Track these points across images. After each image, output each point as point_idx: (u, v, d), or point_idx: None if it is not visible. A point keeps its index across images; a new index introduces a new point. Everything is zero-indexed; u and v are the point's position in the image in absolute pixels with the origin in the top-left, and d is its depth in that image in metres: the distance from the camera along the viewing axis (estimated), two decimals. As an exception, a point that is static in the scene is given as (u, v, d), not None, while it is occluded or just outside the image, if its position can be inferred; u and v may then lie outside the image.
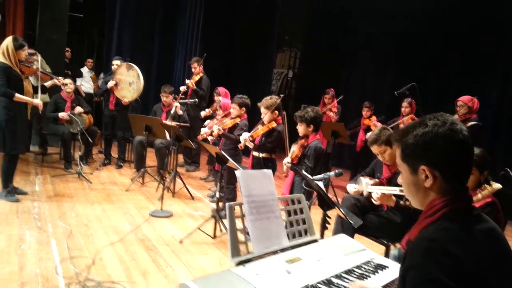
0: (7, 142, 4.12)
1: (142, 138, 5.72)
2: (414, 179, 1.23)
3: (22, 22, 7.98)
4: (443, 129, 1.16)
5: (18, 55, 4.16)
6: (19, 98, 4.13)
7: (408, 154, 1.23)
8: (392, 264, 1.83)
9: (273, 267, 1.58)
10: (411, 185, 1.25)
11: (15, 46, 4.12)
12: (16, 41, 4.14)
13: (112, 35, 8.54)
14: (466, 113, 4.92)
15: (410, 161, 1.23)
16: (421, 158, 1.19)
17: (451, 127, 1.17)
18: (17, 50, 4.13)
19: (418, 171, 1.20)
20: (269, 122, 4.11)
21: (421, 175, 1.20)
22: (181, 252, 3.50)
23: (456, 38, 6.88)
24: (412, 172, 1.23)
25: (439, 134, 1.16)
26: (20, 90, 4.19)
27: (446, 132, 1.16)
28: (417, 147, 1.19)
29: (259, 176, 1.84)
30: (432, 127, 1.18)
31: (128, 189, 5.19)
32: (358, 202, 3.11)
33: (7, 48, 4.09)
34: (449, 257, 1.05)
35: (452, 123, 1.18)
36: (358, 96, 8.44)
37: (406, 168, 1.25)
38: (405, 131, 1.24)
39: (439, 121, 1.18)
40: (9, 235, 3.43)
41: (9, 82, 4.09)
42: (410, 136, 1.21)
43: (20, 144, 4.25)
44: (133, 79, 5.89)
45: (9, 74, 4.09)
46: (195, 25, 8.54)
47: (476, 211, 1.22)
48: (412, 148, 1.21)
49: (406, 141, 1.22)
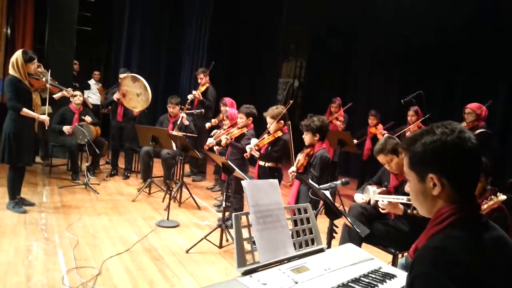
0: (12, 154, 4.14)
1: (148, 148, 5.75)
2: (422, 187, 1.22)
3: (31, 36, 8.12)
4: (451, 137, 1.16)
5: (27, 68, 4.20)
6: (25, 113, 4.15)
7: (416, 162, 1.22)
8: (399, 273, 1.81)
9: (280, 277, 1.57)
10: (419, 193, 1.24)
11: (25, 59, 4.16)
12: (26, 54, 4.19)
13: (120, 47, 8.65)
14: (474, 121, 4.88)
15: (418, 169, 1.22)
16: (429, 166, 1.18)
17: (459, 135, 1.16)
18: (26, 63, 4.17)
19: (426, 179, 1.20)
20: (275, 131, 4.12)
21: (429, 183, 1.19)
22: (188, 262, 3.50)
23: (463, 44, 6.87)
24: (420, 180, 1.22)
25: (447, 142, 1.16)
26: (29, 103, 4.22)
27: (454, 141, 1.15)
28: (425, 155, 1.19)
29: (266, 186, 1.84)
30: (440, 135, 1.17)
31: (134, 199, 5.20)
32: (365, 211, 3.09)
33: (16, 61, 4.13)
34: (457, 266, 1.04)
35: (460, 131, 1.17)
36: (365, 104, 8.43)
37: (414, 176, 1.24)
38: (413, 139, 1.23)
39: (448, 129, 1.17)
40: (17, 246, 3.44)
41: (18, 94, 4.13)
42: (418, 144, 1.21)
43: (26, 157, 4.26)
44: (140, 90, 5.94)
45: (18, 87, 4.13)
46: (201, 36, 8.63)
47: (484, 219, 1.21)
48: (420, 156, 1.20)
49: (414, 149, 1.22)
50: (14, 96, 4.10)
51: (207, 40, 8.56)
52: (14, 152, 4.14)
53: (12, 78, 4.13)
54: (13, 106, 4.11)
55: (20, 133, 4.17)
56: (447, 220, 1.15)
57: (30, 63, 4.21)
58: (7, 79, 4.19)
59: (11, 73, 4.16)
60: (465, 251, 1.07)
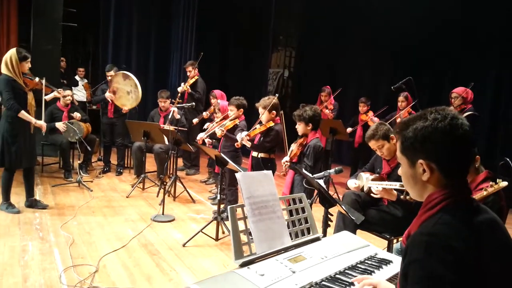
0: (12, 158, 4.07)
1: (141, 144, 5.72)
2: (413, 172, 1.23)
3: (16, 34, 7.97)
4: (443, 124, 1.16)
5: (21, 67, 4.09)
6: (23, 116, 4.05)
7: (407, 147, 1.23)
8: (395, 258, 1.84)
9: (277, 267, 1.58)
10: (410, 177, 1.26)
11: (19, 57, 4.04)
12: (20, 53, 4.07)
13: (107, 43, 8.54)
14: (461, 104, 4.97)
15: (409, 154, 1.23)
16: (419, 152, 1.19)
17: (451, 122, 1.16)
18: (21, 61, 4.06)
19: (416, 164, 1.21)
20: (267, 121, 4.12)
21: (418, 168, 1.20)
22: (185, 256, 3.51)
23: (451, 29, 6.90)
24: (411, 165, 1.23)
25: (438, 128, 1.16)
26: (24, 103, 4.12)
27: (445, 127, 1.15)
28: (415, 140, 1.19)
29: (260, 178, 1.84)
30: (432, 121, 1.17)
31: (129, 195, 5.19)
32: (359, 198, 3.12)
33: (10, 60, 4.02)
34: (450, 251, 1.05)
35: (452, 118, 1.17)
36: (355, 92, 8.46)
37: (405, 161, 1.25)
38: (406, 124, 1.24)
39: (440, 115, 1.17)
40: (12, 246, 3.42)
41: (14, 95, 4.02)
42: (410, 129, 1.21)
43: (23, 159, 4.16)
44: (130, 88, 5.87)
45: (13, 86, 4.02)
46: (189, 28, 8.56)
47: (475, 203, 1.22)
48: (411, 142, 1.21)
49: (406, 134, 1.22)
50: (11, 96, 3.99)
51: (195, 34, 8.49)
52: (13, 155, 4.07)
53: (7, 78, 4.01)
54: (11, 106, 3.99)
55: (17, 135, 4.08)
56: (438, 205, 1.17)
57: (24, 62, 4.10)
58: (2, 78, 4.06)
59: (4, 72, 4.03)
60: (457, 236, 1.08)
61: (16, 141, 4.07)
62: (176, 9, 8.87)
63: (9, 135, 4.05)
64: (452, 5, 6.76)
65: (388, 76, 7.87)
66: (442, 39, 7.04)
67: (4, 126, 4.06)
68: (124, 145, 6.42)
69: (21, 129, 4.10)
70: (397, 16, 7.61)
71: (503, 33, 6.24)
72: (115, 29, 8.54)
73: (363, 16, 8.40)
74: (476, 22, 6.52)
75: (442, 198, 1.17)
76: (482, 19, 6.43)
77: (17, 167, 4.22)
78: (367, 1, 8.21)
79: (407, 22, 7.41)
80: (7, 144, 4.06)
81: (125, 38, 8.73)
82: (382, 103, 7.53)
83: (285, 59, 11.38)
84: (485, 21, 6.41)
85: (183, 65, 8.07)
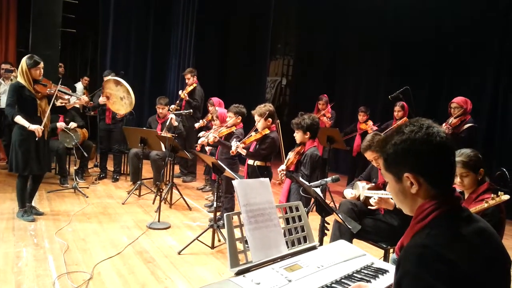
0: (19, 163, 4.05)
1: (137, 150, 5.71)
2: (401, 187, 1.23)
3: (14, 39, 7.97)
4: (420, 134, 1.16)
5: (32, 74, 4.06)
6: (18, 121, 4.03)
7: (390, 163, 1.23)
8: (391, 268, 1.83)
9: (273, 275, 1.57)
10: (398, 193, 1.25)
11: (28, 64, 4.02)
12: (30, 59, 4.05)
13: (106, 49, 8.56)
14: (461, 115, 4.94)
15: (394, 170, 1.23)
16: (403, 166, 1.19)
17: (427, 131, 1.16)
18: (30, 68, 4.03)
19: (402, 179, 1.20)
20: (262, 129, 4.13)
21: (406, 182, 1.20)
22: (180, 264, 3.48)
23: (448, 38, 6.95)
24: (397, 180, 1.23)
25: (416, 140, 1.16)
26: (33, 110, 4.10)
27: (423, 137, 1.16)
28: (397, 155, 1.19)
29: (257, 185, 1.84)
30: (409, 134, 1.18)
31: (124, 202, 5.16)
32: (355, 207, 3.11)
33: (21, 67, 4.03)
34: (443, 263, 1.04)
35: (428, 127, 1.17)
36: (353, 101, 8.49)
37: (391, 177, 1.25)
38: (384, 141, 1.24)
39: (415, 126, 1.18)
40: (6, 253, 3.39)
41: (21, 101, 4.03)
42: (389, 145, 1.21)
43: (33, 165, 4.12)
44: (123, 94, 5.85)
45: (20, 93, 4.01)
46: (188, 36, 8.59)
47: (466, 212, 1.21)
48: (393, 157, 1.21)
49: (387, 151, 1.22)
50: (12, 102, 4.00)
51: (194, 41, 8.53)
52: (20, 161, 4.05)
53: (16, 84, 4.04)
54: (8, 111, 4.01)
55: (26, 141, 4.06)
56: (429, 216, 1.16)
57: (34, 69, 4.07)
58: (12, 84, 4.13)
59: (18, 79, 4.07)
60: (448, 247, 1.07)
61: (23, 146, 4.05)
62: (175, 17, 8.92)
63: (17, 140, 4.06)
64: (448, 12, 6.82)
65: (386, 85, 7.90)
66: (441, 46, 7.09)
67: (14, 132, 4.09)
68: (120, 152, 6.41)
69: (32, 135, 4.07)
70: (396, 25, 7.66)
71: (503, 44, 6.28)
72: (113, 35, 8.57)
73: (360, 25, 8.46)
74: (475, 35, 6.57)
75: (432, 208, 1.17)
76: (482, 29, 6.48)
77: (26, 173, 4.17)
78: (365, 10, 8.27)
79: (407, 31, 7.46)
80: (15, 150, 4.06)
81: (124, 44, 8.76)
82: (380, 112, 7.56)
83: (283, 67, 11.44)
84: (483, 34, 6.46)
85: (181, 72, 8.09)
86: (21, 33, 7.94)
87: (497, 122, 6.35)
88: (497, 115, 6.35)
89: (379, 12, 7.99)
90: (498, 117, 6.33)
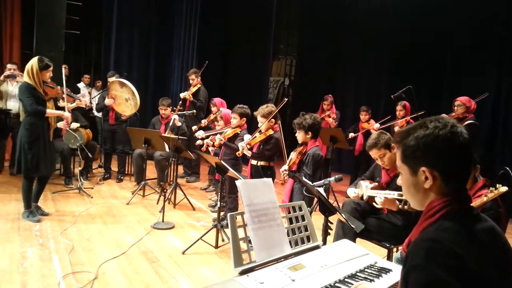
0: (28, 165, 4.07)
1: (141, 151, 5.74)
2: (414, 181, 1.24)
3: (19, 41, 8.02)
4: (444, 132, 1.18)
5: (42, 76, 4.11)
6: (50, 114, 4.10)
7: (408, 155, 1.24)
8: (395, 267, 1.84)
9: (277, 275, 1.58)
10: (411, 186, 1.26)
11: (40, 66, 4.06)
12: (41, 62, 4.09)
13: (109, 50, 8.60)
14: (464, 112, 4.97)
15: (411, 163, 1.24)
16: (422, 160, 1.20)
17: (452, 130, 1.18)
18: (41, 70, 4.08)
19: (418, 172, 1.22)
20: (266, 130, 4.14)
21: (421, 176, 1.21)
22: (184, 263, 3.50)
23: (450, 38, 6.94)
24: (412, 173, 1.24)
25: (439, 136, 1.18)
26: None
27: (446, 135, 1.17)
28: (418, 148, 1.21)
29: (260, 185, 1.85)
30: (433, 129, 1.19)
31: (129, 202, 5.19)
32: (359, 206, 3.12)
33: (31, 68, 4.05)
34: (452, 257, 1.05)
35: (452, 126, 1.19)
36: (355, 100, 8.48)
37: (407, 170, 1.26)
38: (406, 133, 1.25)
39: (440, 123, 1.20)
40: (11, 253, 3.42)
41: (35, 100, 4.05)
42: (411, 137, 1.22)
43: (42, 167, 4.15)
44: (128, 96, 5.89)
45: (33, 93, 4.04)
46: (191, 37, 8.62)
47: (475, 211, 1.23)
48: (413, 150, 1.22)
49: (407, 143, 1.23)
50: (32, 100, 4.01)
51: (197, 42, 8.55)
52: (29, 163, 4.07)
53: (27, 85, 4.05)
54: (36, 110, 4.02)
55: (35, 142, 4.08)
56: (439, 212, 1.18)
57: (45, 71, 4.12)
58: (22, 85, 4.12)
59: (25, 80, 4.08)
60: (458, 242, 1.08)
61: (33, 148, 4.07)
62: (178, 18, 8.94)
63: (27, 142, 4.06)
64: (450, 11, 6.81)
65: (388, 85, 7.90)
66: (442, 46, 7.07)
67: (22, 133, 4.09)
68: (124, 152, 6.44)
69: (40, 136, 4.10)
70: (397, 25, 7.66)
71: (504, 44, 6.26)
72: (117, 37, 8.61)
73: (363, 25, 8.46)
74: (477, 26, 6.55)
75: (443, 205, 1.18)
76: (481, 29, 6.46)
77: (35, 174, 4.20)
78: (367, 10, 8.27)
79: (407, 31, 7.46)
80: (24, 151, 4.06)
81: (127, 45, 8.79)
82: (382, 111, 7.55)
83: (285, 67, 11.45)
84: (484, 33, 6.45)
85: (184, 73, 8.12)
86: (25, 35, 7.98)
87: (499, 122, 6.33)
88: (499, 115, 6.34)
89: (380, 12, 7.98)
90: (500, 117, 6.32)
